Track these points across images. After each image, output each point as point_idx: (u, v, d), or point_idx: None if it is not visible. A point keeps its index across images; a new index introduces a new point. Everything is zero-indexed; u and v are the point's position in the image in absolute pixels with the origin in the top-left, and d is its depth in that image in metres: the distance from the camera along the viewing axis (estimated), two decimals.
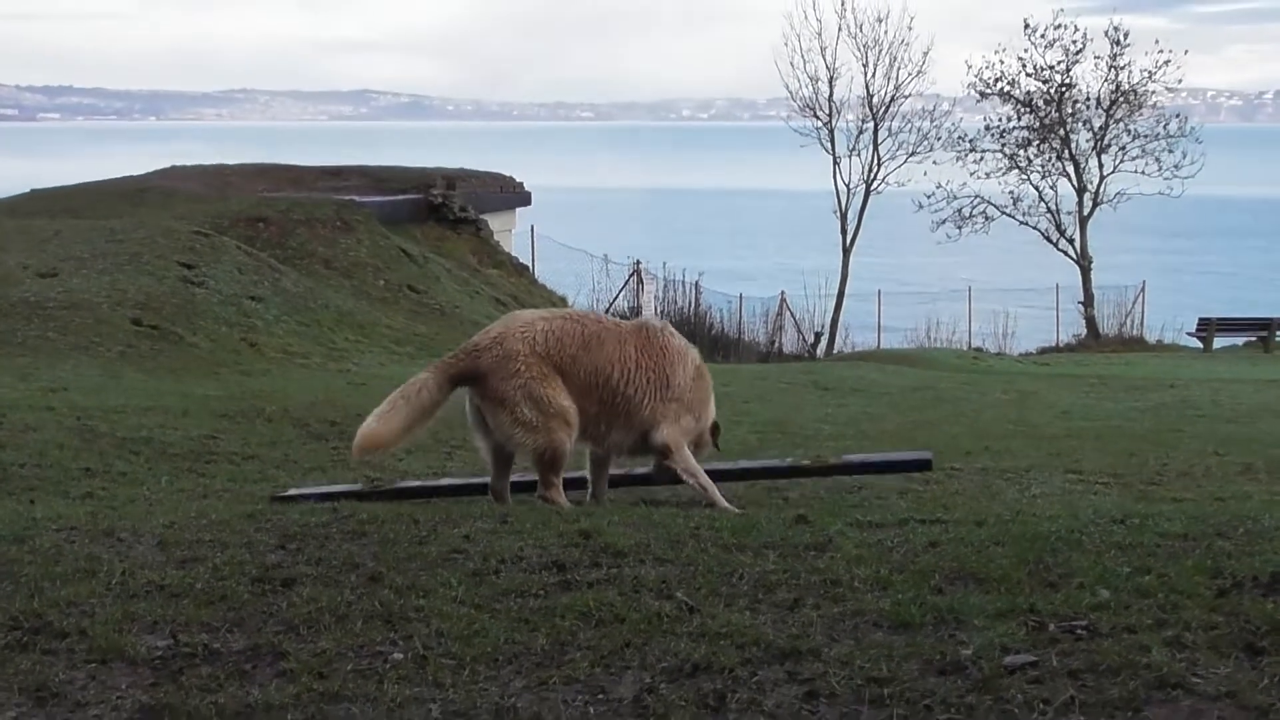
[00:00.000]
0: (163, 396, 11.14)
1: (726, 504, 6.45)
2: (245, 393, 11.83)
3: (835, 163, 36.07)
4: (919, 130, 36.19)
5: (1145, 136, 37.11)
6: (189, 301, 15.72)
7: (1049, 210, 37.36)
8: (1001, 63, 37.09)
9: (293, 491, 7.09)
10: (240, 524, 5.36)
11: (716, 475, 6.84)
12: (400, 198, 24.69)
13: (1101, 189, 37.19)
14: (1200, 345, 31.66)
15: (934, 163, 36.28)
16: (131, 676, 3.54)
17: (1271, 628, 3.57)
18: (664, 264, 31.55)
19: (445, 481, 7.39)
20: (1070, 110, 37.13)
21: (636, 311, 29.46)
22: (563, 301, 25.46)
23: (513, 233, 27.90)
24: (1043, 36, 36.67)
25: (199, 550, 4.82)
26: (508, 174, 28.76)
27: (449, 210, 24.48)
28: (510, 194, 28.10)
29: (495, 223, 26.03)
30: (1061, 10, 36.78)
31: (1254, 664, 3.34)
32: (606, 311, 29.56)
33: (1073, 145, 37.26)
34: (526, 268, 26.26)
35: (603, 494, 6.75)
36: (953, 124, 37.40)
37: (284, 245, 20.11)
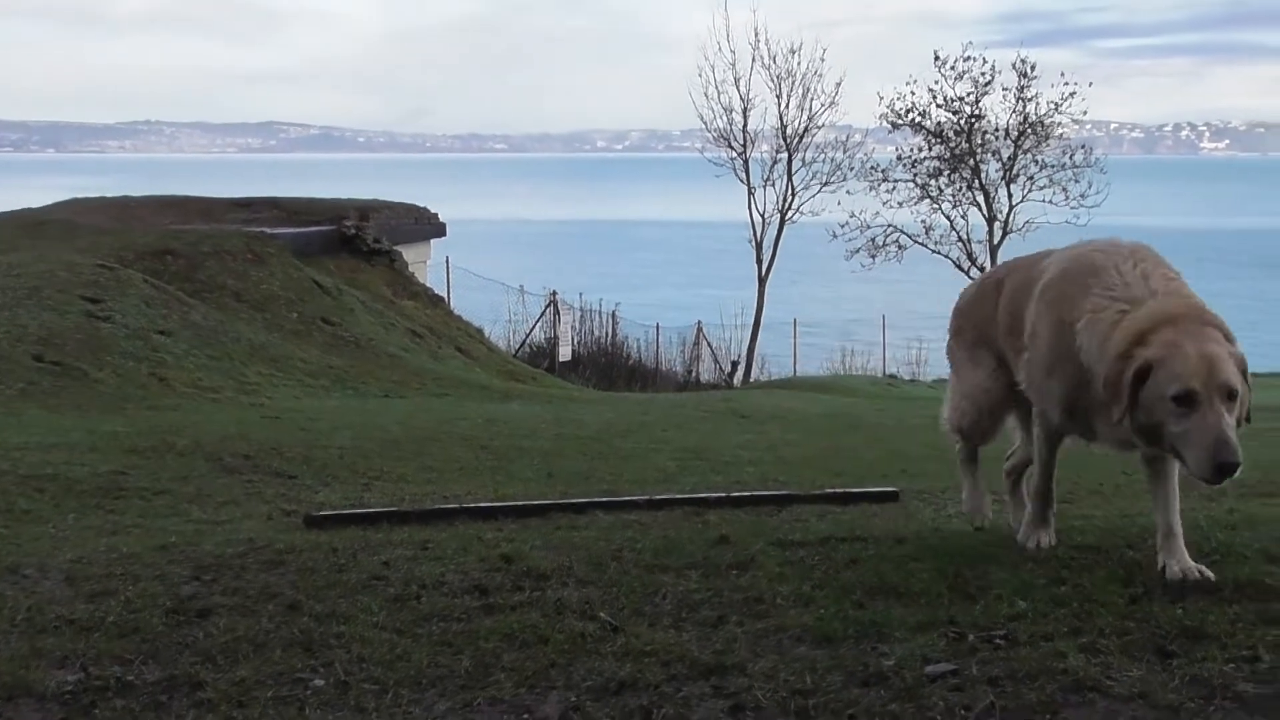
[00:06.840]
0: (68, 433, 10.86)
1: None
2: (154, 428, 11.58)
3: (750, 193, 36.38)
4: (832, 160, 36.70)
5: (1052, 167, 37.88)
6: (94, 336, 15.37)
7: (960, 239, 37.99)
8: (913, 94, 37.71)
9: (327, 513, 6.88)
10: (152, 557, 5.25)
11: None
12: (313, 229, 24.39)
13: (1011, 218, 37.93)
14: None
15: (847, 192, 36.72)
16: (41, 712, 3.44)
17: (1180, 631, 3.69)
18: (580, 295, 31.61)
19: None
20: (980, 141, 37.80)
21: (553, 342, 29.47)
22: (479, 333, 25.35)
23: (428, 264, 27.72)
24: (952, 68, 37.33)
25: (109, 584, 4.71)
26: (422, 205, 28.62)
27: (362, 242, 24.26)
28: (425, 225, 27.94)
29: (410, 254, 25.86)
30: (970, 43, 37.66)
31: (1164, 666, 3.43)
32: (523, 343, 29.56)
33: (982, 175, 37.92)
34: (442, 299, 26.09)
35: None
36: (865, 154, 37.91)
37: (193, 278, 19.78)
